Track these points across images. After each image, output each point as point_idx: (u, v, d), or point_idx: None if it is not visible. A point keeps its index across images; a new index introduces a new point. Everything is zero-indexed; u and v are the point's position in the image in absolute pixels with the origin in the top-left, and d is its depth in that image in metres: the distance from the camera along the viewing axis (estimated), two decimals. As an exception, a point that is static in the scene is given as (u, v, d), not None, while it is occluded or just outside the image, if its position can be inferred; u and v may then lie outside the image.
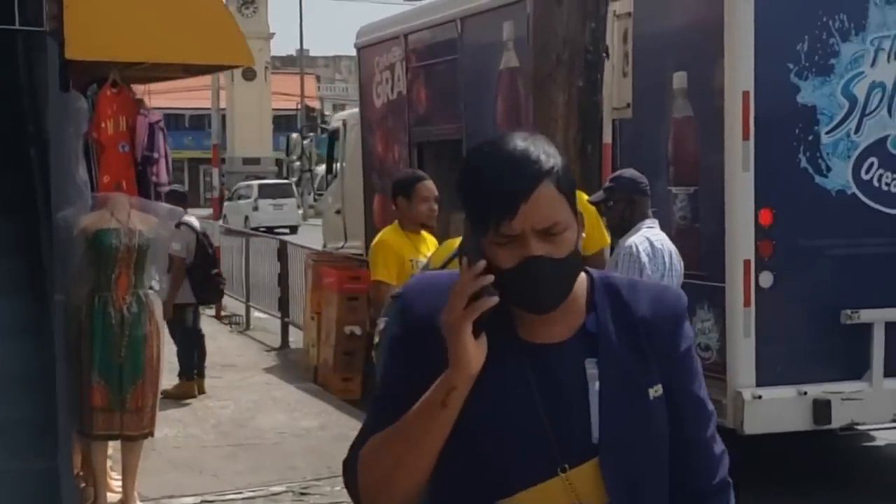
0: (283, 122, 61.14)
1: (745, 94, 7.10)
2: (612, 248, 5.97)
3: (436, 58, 10.94)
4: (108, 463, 7.06)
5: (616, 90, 6.95)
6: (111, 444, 6.99)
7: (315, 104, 62.40)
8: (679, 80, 7.56)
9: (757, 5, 7.07)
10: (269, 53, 64.10)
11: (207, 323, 15.77)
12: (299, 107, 51.87)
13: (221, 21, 6.71)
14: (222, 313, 16.11)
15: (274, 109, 61.44)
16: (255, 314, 15.46)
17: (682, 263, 5.63)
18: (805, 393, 7.20)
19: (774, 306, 7.20)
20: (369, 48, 12.48)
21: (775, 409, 7.16)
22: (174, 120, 62.16)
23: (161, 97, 62.27)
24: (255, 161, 58.95)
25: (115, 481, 6.96)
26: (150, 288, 6.76)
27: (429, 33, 11.16)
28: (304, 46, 73.61)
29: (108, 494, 6.83)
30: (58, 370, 6.54)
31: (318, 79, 71.34)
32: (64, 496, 6.53)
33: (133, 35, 6.53)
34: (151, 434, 6.83)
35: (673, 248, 5.58)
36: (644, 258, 5.32)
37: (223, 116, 59.48)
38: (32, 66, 6.61)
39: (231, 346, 13.66)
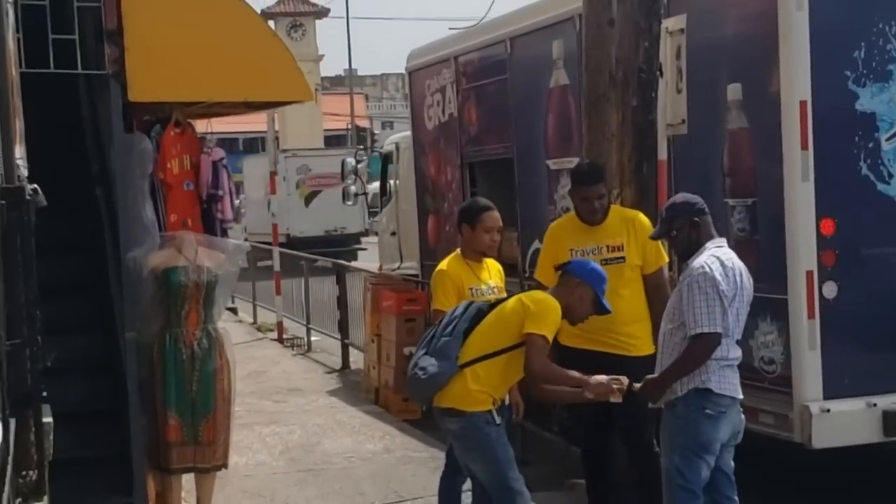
0: (333, 142, 61.44)
1: (803, 104, 7.06)
2: (680, 271, 5.95)
3: (486, 78, 11.00)
4: (182, 494, 7.15)
5: (670, 107, 6.94)
6: (185, 477, 7.08)
7: (364, 123, 62.68)
8: (734, 91, 7.54)
9: (812, 14, 7.02)
10: (318, 75, 64.58)
11: (270, 346, 16.01)
12: (349, 126, 52.07)
13: (280, 59, 6.79)
14: (284, 336, 16.26)
15: (326, 129, 61.74)
16: (313, 336, 15.59)
17: (751, 283, 5.62)
18: (874, 405, 7.12)
19: (839, 317, 7.13)
20: (420, 71, 12.57)
21: (844, 421, 7.08)
22: (228, 144, 62.79)
23: (214, 122, 63.09)
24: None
25: (191, 514, 7.06)
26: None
27: (479, 54, 11.22)
28: (354, 66, 73.92)
29: (184, 527, 6.92)
30: (131, 407, 6.66)
31: (366, 97, 71.68)
32: (140, 531, 6.65)
33: (193, 75, 6.62)
34: (225, 466, 6.92)
35: (743, 266, 5.57)
36: (718, 276, 5.32)
37: (276, 138, 60.14)
38: (95, 107, 6.73)
39: (296, 370, 13.78)
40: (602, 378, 5.39)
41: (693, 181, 7.99)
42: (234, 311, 20.53)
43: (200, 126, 7.84)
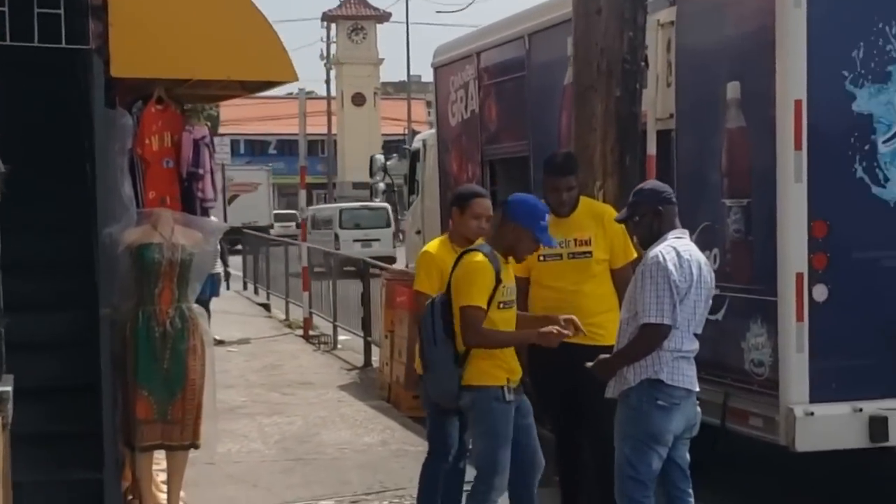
0: (392, 147, 61.70)
1: (798, 104, 6.93)
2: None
3: (506, 75, 10.94)
4: (162, 477, 7.16)
5: (660, 101, 6.84)
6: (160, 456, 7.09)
7: (424, 128, 62.80)
8: (733, 90, 7.41)
9: (810, 11, 6.89)
10: (378, 79, 64.86)
11: (293, 342, 16.06)
12: (406, 131, 52.25)
13: (266, 38, 6.78)
14: (310, 332, 16.30)
15: (383, 135, 62.01)
16: (342, 336, 15.58)
17: (712, 276, 5.50)
18: (860, 410, 6.97)
19: (829, 321, 6.99)
20: (445, 67, 12.54)
21: (829, 426, 6.95)
22: (288, 146, 63.27)
23: (272, 124, 63.58)
24: (365, 185, 59.54)
25: (163, 493, 7.05)
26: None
27: (499, 51, 11.17)
28: (415, 71, 74.14)
29: (154, 506, 6.92)
30: (104, 383, 6.67)
31: (427, 104, 71.82)
32: (109, 507, 6.66)
33: (177, 52, 6.64)
34: (195, 446, 6.90)
35: (703, 259, 5.45)
36: (671, 267, 5.20)
37: (335, 142, 60.55)
38: (79, 83, 6.77)
39: (312, 365, 13.79)
40: (552, 332, 5.49)
41: (692, 180, 7.92)
42: (266, 307, 20.68)
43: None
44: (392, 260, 24.55)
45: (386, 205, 31.97)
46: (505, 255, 5.69)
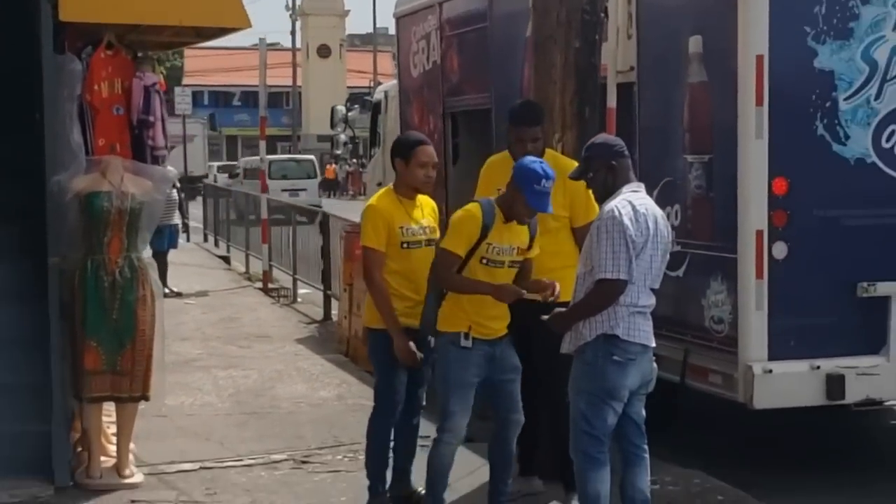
0: (356, 100, 61.31)
1: (759, 59, 6.85)
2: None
3: (468, 26, 10.77)
4: (112, 429, 7.05)
5: (620, 53, 6.73)
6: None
7: (390, 81, 62.46)
8: (695, 44, 7.32)
9: (772, -34, 6.83)
10: (344, 31, 64.41)
11: (252, 294, 15.93)
12: (372, 84, 51.89)
13: (218, -17, 6.63)
14: (269, 285, 16.16)
15: (349, 87, 61.60)
16: (303, 289, 15.46)
17: (669, 230, 5.43)
18: (818, 367, 6.96)
19: (788, 278, 6.96)
20: (407, 17, 12.34)
21: (786, 383, 6.93)
22: (252, 98, 62.82)
23: (236, 75, 62.99)
24: (330, 138, 59.28)
25: (113, 445, 6.95)
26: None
27: (462, 2, 11.00)
28: (382, 24, 73.60)
29: (104, 458, 6.81)
30: (52, 334, 6.57)
31: (394, 56, 71.46)
32: (56, 459, 6.58)
33: (127, -3, 6.48)
34: (145, 398, 6.80)
35: (660, 213, 5.37)
36: (626, 221, 5.12)
37: (300, 94, 60.12)
38: (26, 28, 6.60)
39: (270, 319, 13.67)
40: (509, 284, 5.61)
41: (655, 136, 7.84)
42: (226, 259, 20.51)
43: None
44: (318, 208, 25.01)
45: (312, 157, 36.32)
46: (507, 217, 5.64)
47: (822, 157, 7.01)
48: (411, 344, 5.87)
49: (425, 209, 6.23)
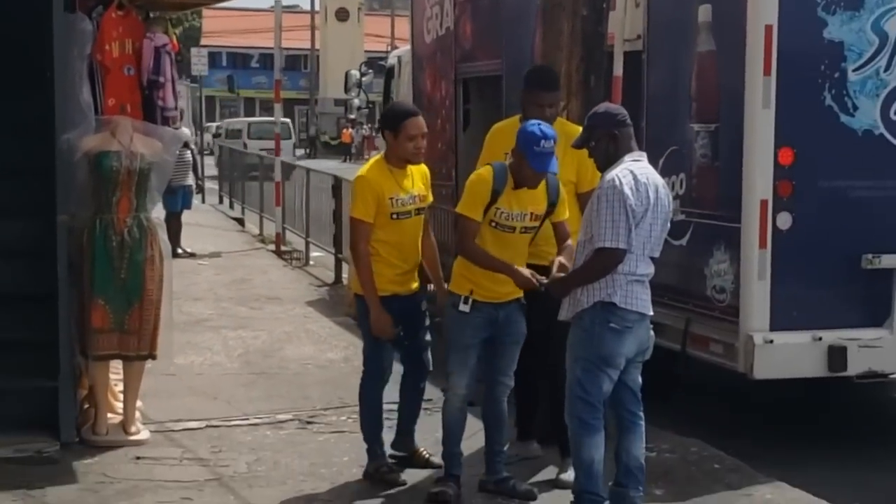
0: (373, 64, 61.14)
1: (768, 28, 6.84)
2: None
3: (481, -8, 10.77)
4: (120, 386, 7.13)
5: (628, 21, 6.74)
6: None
7: (407, 45, 62.24)
8: (704, 13, 7.32)
9: (783, -65, 6.80)
10: (363, -6, 64.17)
11: (264, 256, 16.00)
12: (389, 48, 51.76)
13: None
14: (282, 248, 16.23)
15: (367, 51, 61.41)
16: (315, 252, 15.53)
17: (671, 199, 5.44)
18: (820, 339, 6.98)
19: (792, 249, 6.97)
20: (421, -18, 12.33)
21: (788, 354, 6.96)
22: (270, 60, 62.71)
23: (255, 36, 62.89)
24: (345, 102, 59.13)
25: (120, 403, 7.04)
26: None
27: (476, -33, 10.98)
28: (399, -13, 73.25)
29: (111, 415, 6.90)
30: (60, 292, 6.64)
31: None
32: (63, 416, 6.66)
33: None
34: (152, 357, 6.88)
35: (661, 181, 5.39)
36: (627, 191, 5.14)
37: (317, 57, 59.98)
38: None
39: (282, 281, 13.76)
40: (526, 271, 5.64)
41: (661, 104, 7.85)
42: (240, 221, 20.59)
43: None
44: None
45: (287, 120, 38.59)
46: (517, 183, 5.69)
47: (830, 128, 7.01)
48: (388, 317, 5.95)
49: (416, 177, 6.20)
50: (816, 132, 7.00)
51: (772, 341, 6.93)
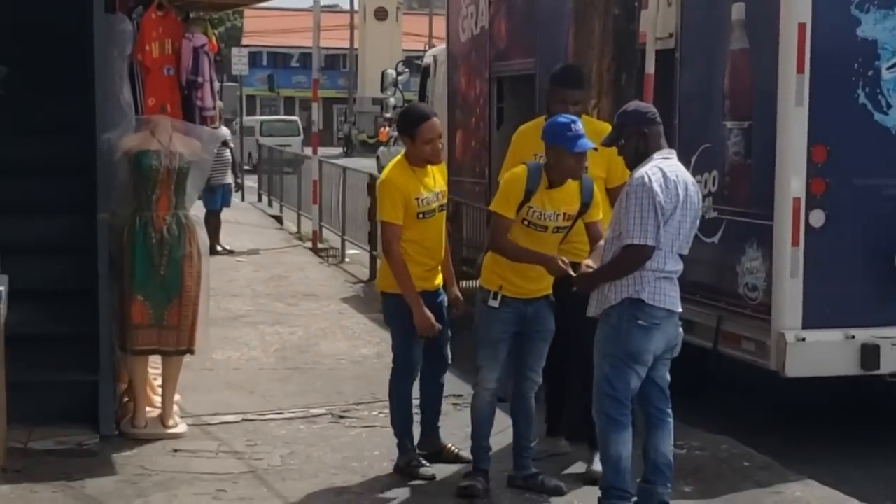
0: (411, 63, 61.21)
1: (802, 27, 6.87)
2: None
3: (516, -10, 10.83)
4: (160, 381, 7.25)
5: (660, 20, 6.77)
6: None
7: (444, 44, 62.28)
8: (738, 10, 7.35)
9: (817, -67, 6.82)
10: (401, -7, 64.25)
11: (301, 254, 16.13)
12: (427, 47, 51.86)
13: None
14: (319, 245, 16.35)
15: (405, 50, 61.51)
16: (352, 249, 15.63)
17: (700, 197, 5.48)
18: (853, 337, 6.99)
19: (825, 247, 6.99)
20: (457, -18, 12.39)
21: (820, 352, 6.97)
22: (311, 60, 62.86)
23: (295, 36, 63.18)
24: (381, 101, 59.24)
25: (159, 396, 7.15)
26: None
27: (510, -35, 11.03)
28: (438, -13, 73.28)
29: (149, 409, 7.01)
30: (100, 288, 6.76)
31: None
32: (102, 409, 6.78)
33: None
34: (191, 352, 6.98)
35: (691, 179, 5.42)
36: (656, 187, 5.18)
37: (356, 57, 60.18)
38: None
39: (319, 278, 13.87)
40: (557, 258, 5.71)
41: (694, 101, 7.88)
42: (278, 219, 20.74)
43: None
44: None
45: (296, 118, 43.64)
46: (552, 182, 5.72)
47: (863, 126, 7.02)
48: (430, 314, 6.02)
49: (436, 174, 6.29)
50: (850, 130, 7.02)
51: (804, 339, 6.94)
